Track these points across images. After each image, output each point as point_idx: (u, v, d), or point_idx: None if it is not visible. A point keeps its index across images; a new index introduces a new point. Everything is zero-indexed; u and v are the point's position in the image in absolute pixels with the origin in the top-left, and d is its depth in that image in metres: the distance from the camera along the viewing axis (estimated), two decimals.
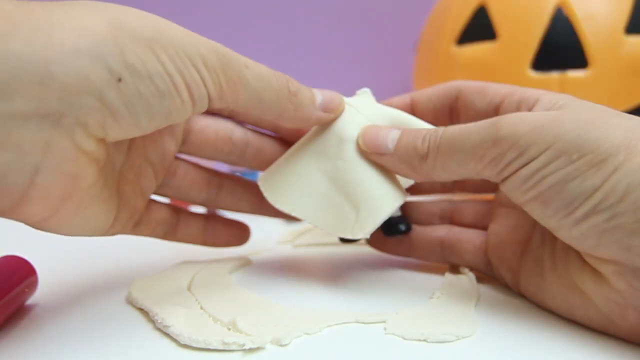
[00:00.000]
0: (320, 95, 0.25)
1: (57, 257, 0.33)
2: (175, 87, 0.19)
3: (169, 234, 0.28)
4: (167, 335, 0.21)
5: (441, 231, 0.28)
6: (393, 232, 0.28)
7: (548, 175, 0.19)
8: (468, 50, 0.47)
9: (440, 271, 0.28)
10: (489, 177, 0.21)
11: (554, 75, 0.43)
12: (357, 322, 0.22)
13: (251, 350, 0.19)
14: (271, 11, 0.70)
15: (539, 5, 0.44)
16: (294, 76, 0.24)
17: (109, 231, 0.24)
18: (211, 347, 0.19)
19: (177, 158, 0.28)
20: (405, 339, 0.20)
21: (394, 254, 0.30)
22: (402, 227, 0.28)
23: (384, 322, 0.22)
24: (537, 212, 0.20)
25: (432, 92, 0.27)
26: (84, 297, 0.26)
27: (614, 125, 0.19)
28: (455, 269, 0.28)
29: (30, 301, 0.25)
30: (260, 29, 0.71)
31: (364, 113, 0.26)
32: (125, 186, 0.24)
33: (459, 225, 0.28)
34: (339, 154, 0.25)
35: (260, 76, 0.22)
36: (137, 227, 0.26)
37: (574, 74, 0.42)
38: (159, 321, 0.21)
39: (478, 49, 0.46)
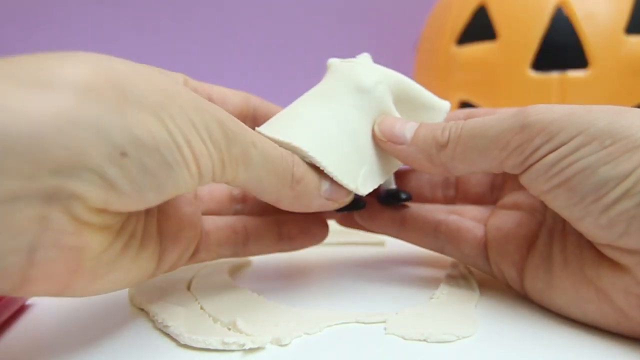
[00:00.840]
0: (327, 184, 0.23)
1: None
2: (184, 158, 0.18)
3: (239, 253, 0.26)
4: (167, 335, 0.21)
5: (440, 214, 0.27)
6: (392, 200, 0.27)
7: (577, 160, 0.19)
8: (468, 50, 0.47)
9: (440, 271, 0.28)
10: (511, 166, 0.21)
11: (554, 75, 0.43)
12: (357, 322, 0.22)
13: (251, 350, 0.19)
14: (271, 11, 0.70)
15: (539, 5, 0.44)
16: (294, 76, 0.24)
17: (155, 274, 0.22)
18: (211, 347, 0.19)
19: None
20: (405, 339, 0.20)
21: (382, 233, 0.28)
22: (403, 195, 0.27)
23: (384, 322, 0.22)
24: (560, 200, 0.20)
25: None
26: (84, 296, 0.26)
27: None
28: (455, 269, 0.28)
29: (30, 300, 0.25)
30: (260, 29, 0.71)
31: (374, 70, 0.25)
32: (166, 223, 0.22)
33: (463, 200, 0.27)
34: (354, 102, 0.24)
35: (265, 157, 0.20)
36: (195, 256, 0.25)
37: (574, 74, 0.42)
38: (159, 321, 0.21)
39: (478, 49, 0.46)
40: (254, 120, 0.27)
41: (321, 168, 0.22)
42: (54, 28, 0.66)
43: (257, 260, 0.32)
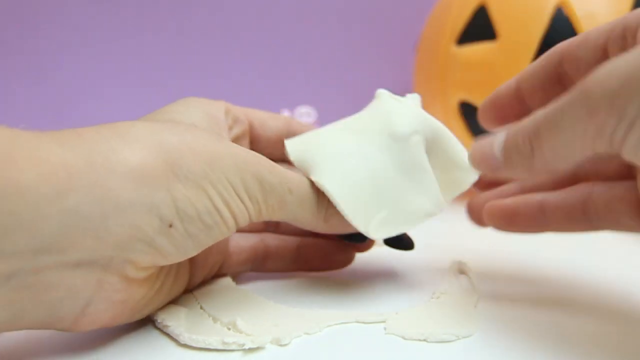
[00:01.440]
0: None
1: None
2: (223, 220, 0.20)
3: (256, 269, 0.28)
4: (167, 335, 0.21)
5: (578, 194, 0.24)
6: (400, 245, 0.27)
7: None
8: (468, 50, 0.47)
9: (440, 271, 0.28)
10: (604, 151, 0.18)
11: None
12: (357, 322, 0.22)
13: (251, 350, 0.19)
14: (271, 11, 0.70)
15: (539, 5, 0.44)
16: (293, 76, 0.24)
17: (187, 289, 0.24)
18: (211, 347, 0.19)
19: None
20: (405, 338, 0.20)
21: (522, 232, 0.26)
22: (406, 243, 0.27)
23: (384, 322, 0.22)
24: None
25: (534, 67, 0.24)
26: None
27: None
28: (455, 269, 0.28)
29: None
30: (260, 29, 0.71)
31: (416, 117, 0.25)
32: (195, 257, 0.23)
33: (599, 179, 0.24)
34: (387, 146, 0.24)
35: (302, 202, 0.23)
36: (221, 270, 0.27)
37: None
38: (158, 321, 0.21)
39: (478, 49, 0.46)
40: None
41: (335, 204, 0.23)
42: (54, 28, 0.66)
43: None
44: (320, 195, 0.23)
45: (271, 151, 0.28)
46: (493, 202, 0.26)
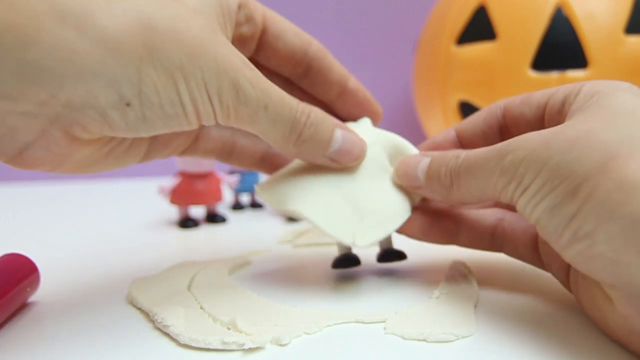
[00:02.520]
0: (338, 143, 0.24)
1: (59, 256, 0.33)
2: (185, 114, 0.20)
3: (220, 160, 0.29)
4: (167, 335, 0.21)
5: (492, 218, 0.26)
6: (388, 259, 0.28)
7: (540, 202, 0.19)
8: (468, 50, 0.47)
9: (440, 271, 0.28)
10: (507, 202, 0.21)
11: (554, 75, 0.43)
12: (357, 322, 0.22)
13: (251, 350, 0.19)
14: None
15: (539, 5, 0.44)
16: None
17: (144, 161, 0.25)
18: (211, 347, 0.19)
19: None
20: (405, 338, 0.20)
21: (437, 243, 0.27)
22: (398, 254, 0.27)
23: (383, 322, 0.22)
24: (541, 233, 0.20)
25: (476, 118, 0.27)
26: (85, 295, 0.26)
27: (596, 141, 0.17)
28: (455, 269, 0.28)
29: (31, 299, 0.25)
30: None
31: (370, 133, 0.27)
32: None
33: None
34: (348, 169, 0.26)
35: (274, 121, 0.22)
36: (185, 153, 0.27)
37: (574, 73, 0.42)
38: (158, 321, 0.21)
39: (478, 49, 0.46)
40: (307, 69, 0.28)
41: (317, 228, 0.24)
42: None
43: (257, 260, 0.32)
44: (298, 120, 0.23)
45: (278, 65, 0.27)
46: (415, 214, 0.27)
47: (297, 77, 0.28)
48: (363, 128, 0.28)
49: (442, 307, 0.23)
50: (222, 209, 0.49)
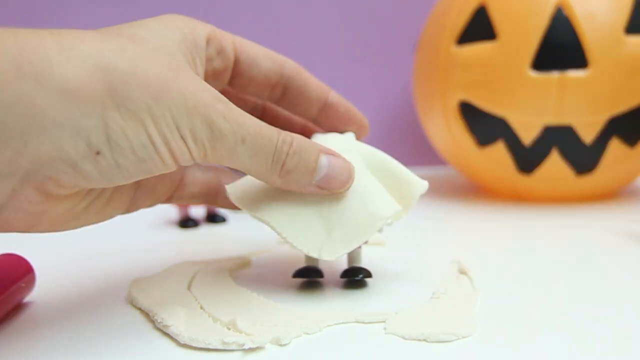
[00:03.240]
0: (324, 169, 0.23)
1: (56, 256, 0.33)
2: (160, 156, 0.19)
3: (206, 203, 0.28)
4: (167, 335, 0.21)
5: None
6: (351, 275, 0.26)
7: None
8: (468, 50, 0.47)
9: (440, 271, 0.28)
10: None
11: (554, 75, 0.43)
12: (357, 322, 0.22)
13: (251, 350, 0.19)
14: (271, 10, 0.70)
15: (539, 5, 0.44)
16: None
17: (129, 211, 0.24)
18: (211, 347, 0.19)
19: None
20: (405, 338, 0.20)
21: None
22: (362, 274, 0.26)
23: (383, 322, 0.22)
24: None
25: None
26: (83, 296, 0.26)
27: None
28: (455, 269, 0.28)
29: (27, 299, 0.25)
30: (260, 29, 0.71)
31: (345, 140, 0.27)
32: (146, 180, 0.23)
33: None
34: None
35: (255, 154, 0.21)
36: (171, 200, 0.26)
37: (574, 73, 0.42)
38: (158, 321, 0.21)
39: (478, 49, 0.46)
40: (284, 90, 0.27)
41: (285, 240, 0.24)
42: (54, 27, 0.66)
43: (257, 260, 0.32)
44: (280, 149, 0.21)
45: (255, 91, 0.27)
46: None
47: (276, 99, 0.28)
48: (339, 136, 0.27)
49: (442, 307, 0.23)
50: (222, 209, 0.49)
